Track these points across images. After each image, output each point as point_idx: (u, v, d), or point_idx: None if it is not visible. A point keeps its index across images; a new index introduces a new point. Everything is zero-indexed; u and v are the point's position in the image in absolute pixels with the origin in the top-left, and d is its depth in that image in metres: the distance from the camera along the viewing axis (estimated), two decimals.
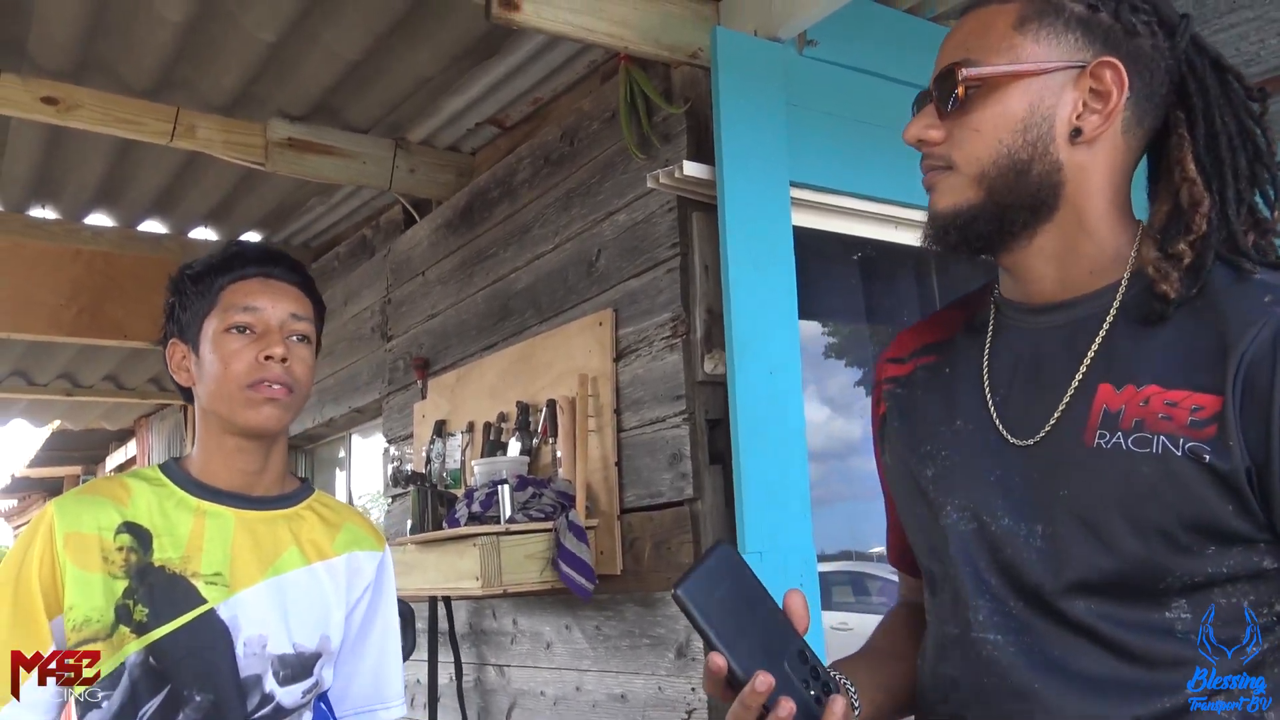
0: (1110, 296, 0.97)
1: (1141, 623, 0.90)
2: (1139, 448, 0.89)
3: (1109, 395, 0.93)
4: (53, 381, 5.65)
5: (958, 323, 1.11)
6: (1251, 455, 0.86)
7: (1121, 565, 0.89)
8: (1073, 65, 0.95)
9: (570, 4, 2.31)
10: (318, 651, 1.46)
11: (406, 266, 3.65)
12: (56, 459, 8.76)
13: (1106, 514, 0.90)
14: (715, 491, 2.29)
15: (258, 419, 1.41)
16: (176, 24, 2.66)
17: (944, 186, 0.99)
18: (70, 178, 3.83)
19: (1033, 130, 0.95)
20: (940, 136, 0.99)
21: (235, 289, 1.44)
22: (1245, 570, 0.88)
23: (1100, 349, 0.95)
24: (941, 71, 0.98)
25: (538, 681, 2.76)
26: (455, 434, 3.15)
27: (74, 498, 1.42)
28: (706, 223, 2.35)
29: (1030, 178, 0.96)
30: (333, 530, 1.54)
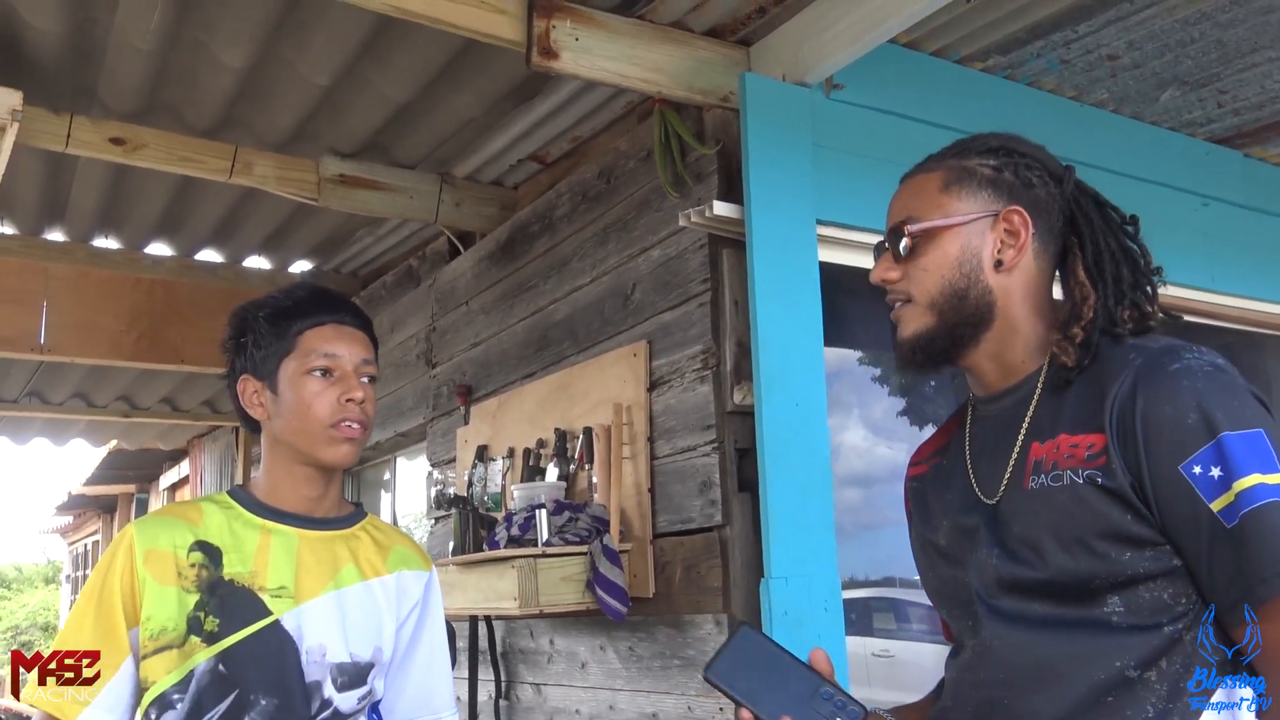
0: (1036, 378, 1.26)
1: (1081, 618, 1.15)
2: (1054, 482, 1.17)
3: (1037, 449, 1.21)
4: (111, 403, 5.86)
5: (954, 429, 1.41)
6: (1131, 472, 1.12)
7: (1053, 574, 1.15)
8: (988, 214, 1.26)
9: (606, 51, 2.43)
10: (371, 662, 1.58)
11: (451, 296, 3.79)
12: (112, 477, 9.02)
13: (1042, 537, 1.17)
14: (744, 518, 2.38)
15: (337, 456, 1.55)
16: (237, 69, 2.82)
17: (906, 317, 1.28)
18: (133, 210, 4.02)
19: (966, 265, 1.25)
20: (897, 276, 1.28)
21: (314, 334, 1.58)
22: (1159, 569, 1.12)
23: (1031, 416, 1.24)
24: (892, 227, 1.29)
25: (572, 700, 2.85)
26: (496, 459, 3.26)
27: (152, 519, 1.57)
28: (736, 259, 2.45)
29: (969, 300, 1.25)
30: (384, 551, 1.66)
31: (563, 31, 2.37)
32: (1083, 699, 1.13)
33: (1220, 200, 3.31)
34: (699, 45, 2.55)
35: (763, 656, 1.21)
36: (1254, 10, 2.50)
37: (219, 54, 2.75)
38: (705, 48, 2.55)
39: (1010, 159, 1.29)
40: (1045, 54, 2.70)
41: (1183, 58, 2.72)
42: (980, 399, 1.34)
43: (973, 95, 2.78)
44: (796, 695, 1.19)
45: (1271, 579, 1.06)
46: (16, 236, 4.24)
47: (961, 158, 1.31)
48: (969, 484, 1.30)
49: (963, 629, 1.30)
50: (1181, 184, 3.23)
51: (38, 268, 4.32)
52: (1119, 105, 3.03)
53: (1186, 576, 1.13)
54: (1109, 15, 2.51)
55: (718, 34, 2.58)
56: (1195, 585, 1.13)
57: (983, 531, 1.26)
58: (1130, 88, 2.90)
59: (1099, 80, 2.86)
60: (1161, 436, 1.11)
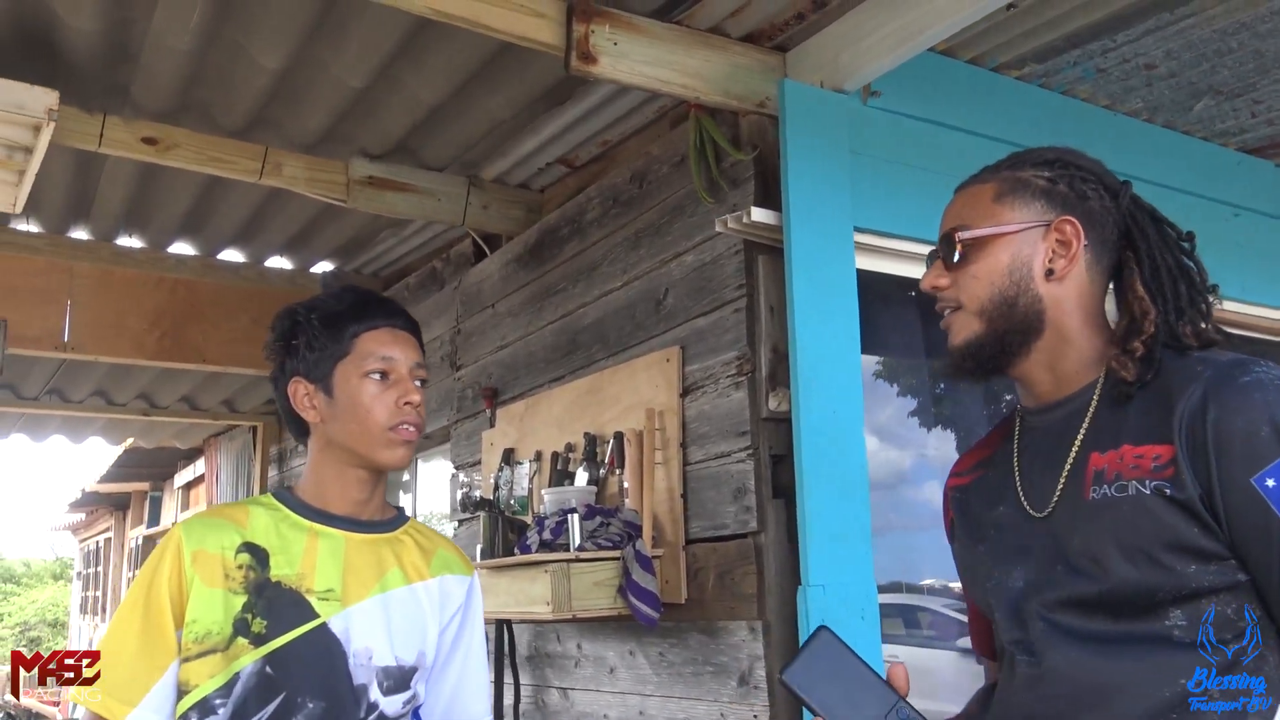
0: (1092, 389, 1.27)
1: (1143, 633, 1.14)
2: (1119, 493, 1.17)
3: (1097, 459, 1.21)
4: (131, 402, 5.88)
5: (999, 439, 1.42)
6: (1201, 484, 1.12)
7: (1115, 585, 1.15)
8: (1040, 224, 1.28)
9: (644, 56, 2.43)
10: (415, 665, 1.58)
11: (477, 299, 3.79)
12: (126, 475, 9.04)
13: (1105, 548, 1.16)
14: (778, 525, 2.37)
15: (394, 458, 1.57)
16: (273, 70, 2.83)
17: (956, 325, 1.31)
18: (158, 210, 4.04)
19: (1016, 273, 1.27)
20: (948, 283, 1.31)
21: (370, 337, 1.58)
22: (1223, 583, 1.13)
23: (1088, 427, 1.25)
24: (944, 235, 1.31)
25: (600, 705, 2.85)
26: (523, 462, 3.26)
27: (199, 520, 1.57)
28: (772, 265, 2.44)
29: (1018, 308, 1.27)
30: (427, 555, 1.66)
31: (601, 36, 2.37)
32: (1146, 717, 1.13)
33: (1251, 210, 3.30)
34: (735, 51, 2.55)
35: (840, 664, 1.19)
36: None
37: (256, 55, 2.75)
38: (742, 53, 2.55)
39: (1065, 171, 1.30)
40: (1082, 63, 2.69)
41: (1219, 67, 2.71)
42: (1030, 410, 1.35)
43: (1007, 103, 2.77)
44: (873, 711, 1.17)
45: None
46: (42, 235, 4.26)
47: (1016, 169, 1.33)
48: (1017, 497, 1.31)
49: (1016, 643, 1.28)
50: (1213, 194, 3.22)
51: (63, 266, 4.33)
52: (1152, 114, 3.02)
53: (1252, 591, 1.13)
54: (1148, 25, 2.50)
55: (754, 39, 2.58)
56: (1261, 600, 1.13)
57: (1037, 546, 1.26)
58: (1165, 97, 2.89)
59: (1134, 89, 2.85)
60: (1234, 448, 1.11)
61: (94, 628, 12.66)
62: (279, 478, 6.05)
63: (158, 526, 9.48)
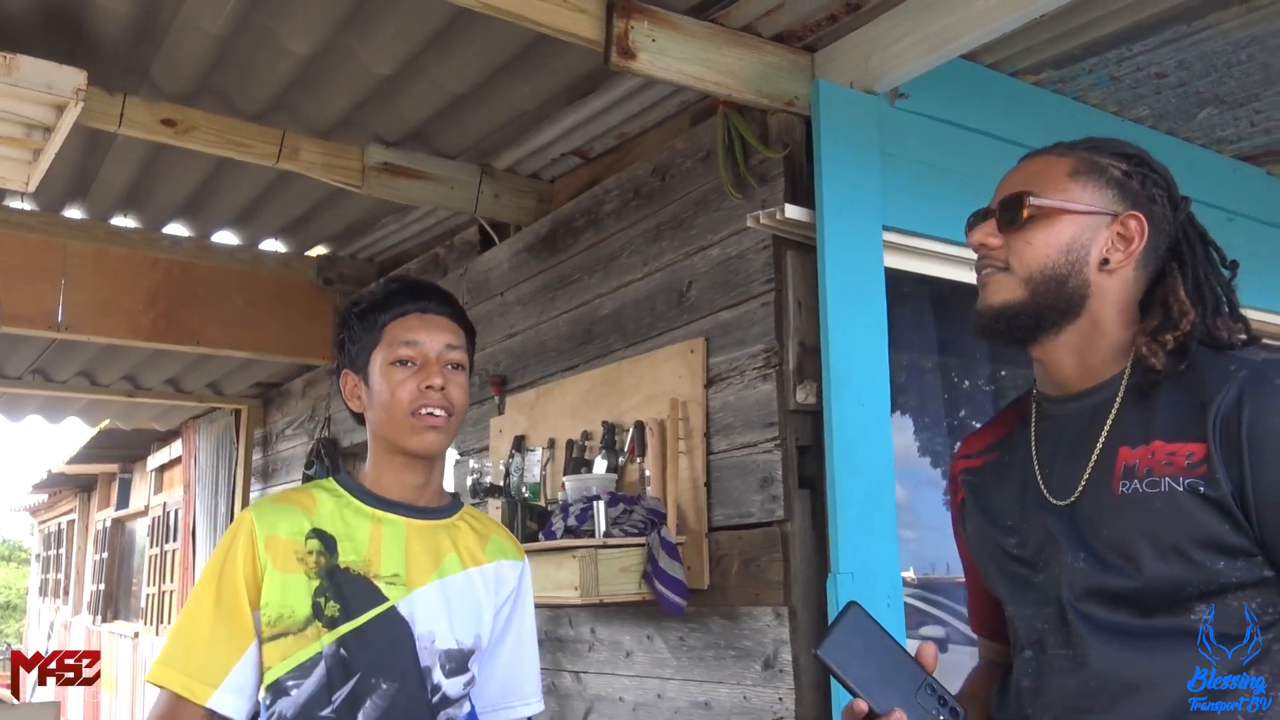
0: (1119, 381, 1.29)
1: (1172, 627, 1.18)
2: (1151, 489, 1.19)
3: (1127, 454, 1.24)
4: (115, 382, 5.82)
5: (1012, 422, 1.43)
6: (1233, 482, 1.15)
7: (1147, 582, 1.18)
8: (1108, 212, 1.29)
9: (681, 54, 2.47)
10: (472, 648, 1.62)
11: (485, 287, 3.81)
12: (96, 456, 8.93)
13: (1135, 543, 1.19)
14: (804, 514, 2.44)
15: (422, 444, 1.58)
16: (300, 56, 2.83)
17: (996, 284, 1.32)
18: (159, 191, 4.01)
19: (1073, 254, 1.28)
20: (999, 244, 1.31)
21: (397, 325, 1.61)
22: (1250, 578, 1.16)
23: (1115, 420, 1.27)
24: (1011, 196, 1.30)
25: (616, 688, 2.91)
26: (535, 449, 3.30)
27: (269, 506, 1.59)
28: (801, 261, 2.51)
29: (1066, 288, 1.29)
30: (482, 540, 1.70)
31: (640, 33, 2.41)
32: (1175, 708, 1.17)
33: (1244, 216, 3.41)
34: (767, 50, 2.60)
35: (871, 640, 1.22)
36: None
37: (285, 40, 2.76)
38: (773, 53, 2.60)
39: (1140, 169, 1.33)
40: (1097, 70, 2.78)
41: (1227, 78, 2.81)
42: (1050, 398, 1.36)
43: (1023, 107, 2.85)
44: (904, 687, 1.20)
45: None
46: (36, 213, 4.21)
47: (1095, 152, 1.33)
48: (1036, 484, 1.33)
49: (1039, 632, 1.31)
50: (1209, 199, 3.32)
51: (57, 245, 4.28)
52: (1157, 121, 3.12)
53: (1277, 588, 1.17)
54: (1165, 35, 2.59)
55: (784, 39, 2.63)
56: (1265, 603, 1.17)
57: (1061, 534, 1.28)
58: (1171, 105, 2.99)
59: (1143, 97, 2.94)
60: (1268, 448, 1.15)
61: (55, 610, 12.49)
62: (263, 461, 6.02)
63: (127, 509, 9.37)
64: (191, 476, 6.96)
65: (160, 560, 7.97)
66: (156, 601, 7.93)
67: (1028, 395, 1.43)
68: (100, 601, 9.90)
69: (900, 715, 1.18)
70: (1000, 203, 1.32)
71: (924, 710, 1.20)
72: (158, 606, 7.88)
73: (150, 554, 8.32)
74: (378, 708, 1.50)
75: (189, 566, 6.76)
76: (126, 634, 8.79)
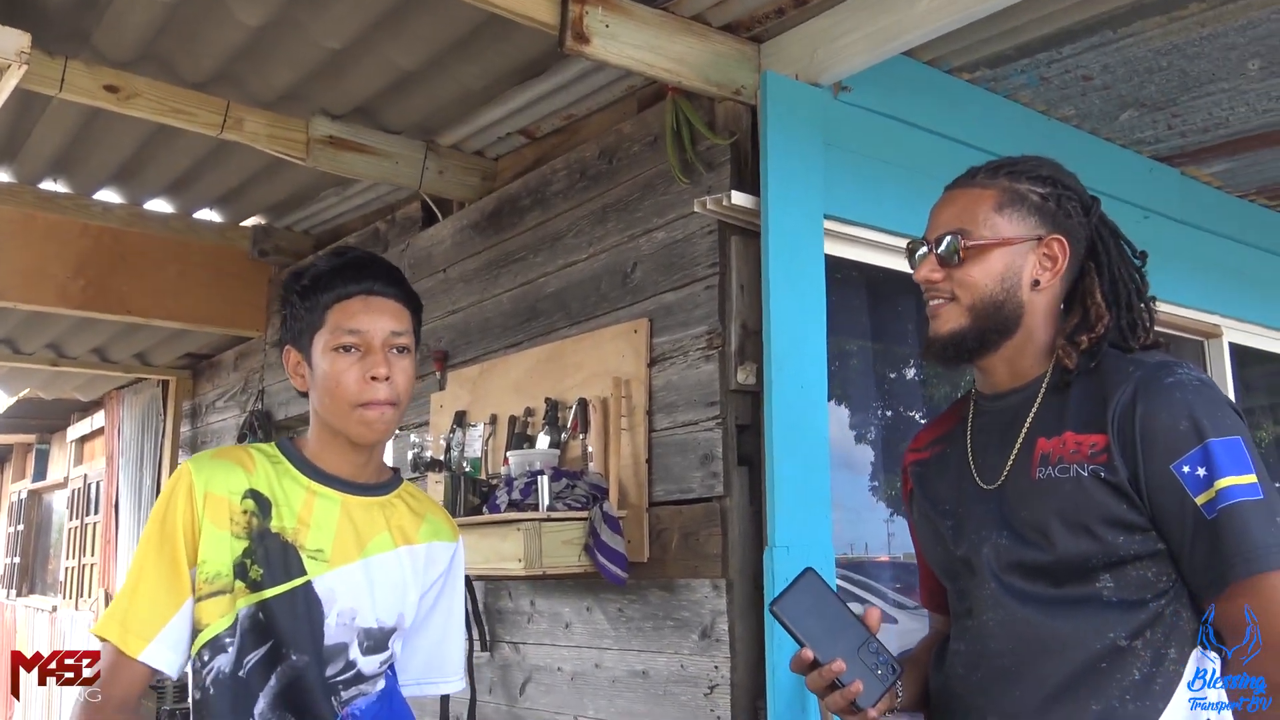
0: (1041, 381, 1.47)
1: (1079, 596, 1.36)
2: (1062, 474, 1.38)
3: (1044, 443, 1.42)
4: (39, 351, 5.68)
5: (955, 418, 1.62)
6: (1129, 468, 1.34)
7: (1059, 556, 1.36)
8: (1033, 237, 1.45)
9: (633, 40, 2.53)
10: (394, 627, 1.64)
11: (427, 262, 3.83)
12: (13, 426, 8.68)
13: (1049, 521, 1.37)
14: (742, 491, 2.53)
15: (367, 435, 1.58)
16: (249, 27, 2.82)
17: (945, 315, 1.47)
18: (92, 157, 3.94)
19: (1007, 280, 1.45)
20: (941, 278, 1.47)
21: (340, 309, 1.58)
22: (1146, 551, 1.34)
23: (1036, 414, 1.45)
24: (944, 234, 1.47)
25: (555, 658, 2.98)
26: (477, 425, 3.35)
27: (208, 460, 1.58)
28: (744, 246, 2.59)
29: (1004, 311, 1.46)
30: (417, 519, 1.71)
31: (594, 18, 2.46)
32: (1082, 666, 1.34)
33: (1158, 214, 3.59)
34: (716, 40, 2.67)
35: (823, 601, 1.39)
36: (1219, 46, 2.74)
37: (235, 9, 2.74)
38: (722, 42, 2.67)
39: (1055, 189, 1.48)
40: (1029, 70, 2.90)
41: (1148, 83, 2.96)
42: (985, 396, 1.56)
43: (958, 104, 2.97)
44: (848, 644, 1.37)
45: (1239, 564, 1.27)
46: None
47: (1014, 180, 1.49)
48: (970, 472, 1.51)
49: (970, 601, 1.49)
50: (1126, 197, 3.49)
51: None
52: (1082, 121, 3.26)
53: (1168, 559, 1.35)
54: (1093, 40, 2.72)
55: (733, 30, 2.70)
56: (1175, 567, 1.35)
57: (989, 515, 1.46)
58: (1096, 106, 3.14)
59: (1069, 98, 3.08)
60: (1157, 439, 1.33)
61: None
62: (192, 433, 5.94)
63: (44, 480, 9.14)
64: (115, 448, 6.83)
65: (80, 533, 7.80)
66: (76, 575, 7.77)
67: (969, 394, 1.61)
68: (15, 575, 9.65)
69: (840, 665, 1.34)
70: (936, 240, 1.47)
71: (864, 664, 1.36)
72: (78, 580, 7.72)
73: (70, 527, 8.14)
74: (286, 676, 1.52)
75: (111, 540, 6.64)
76: (44, 608, 8.59)
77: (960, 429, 1.58)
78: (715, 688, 2.47)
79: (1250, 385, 4.48)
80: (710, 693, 2.48)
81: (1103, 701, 1.32)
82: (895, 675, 1.38)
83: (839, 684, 1.35)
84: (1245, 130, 3.29)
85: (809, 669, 1.38)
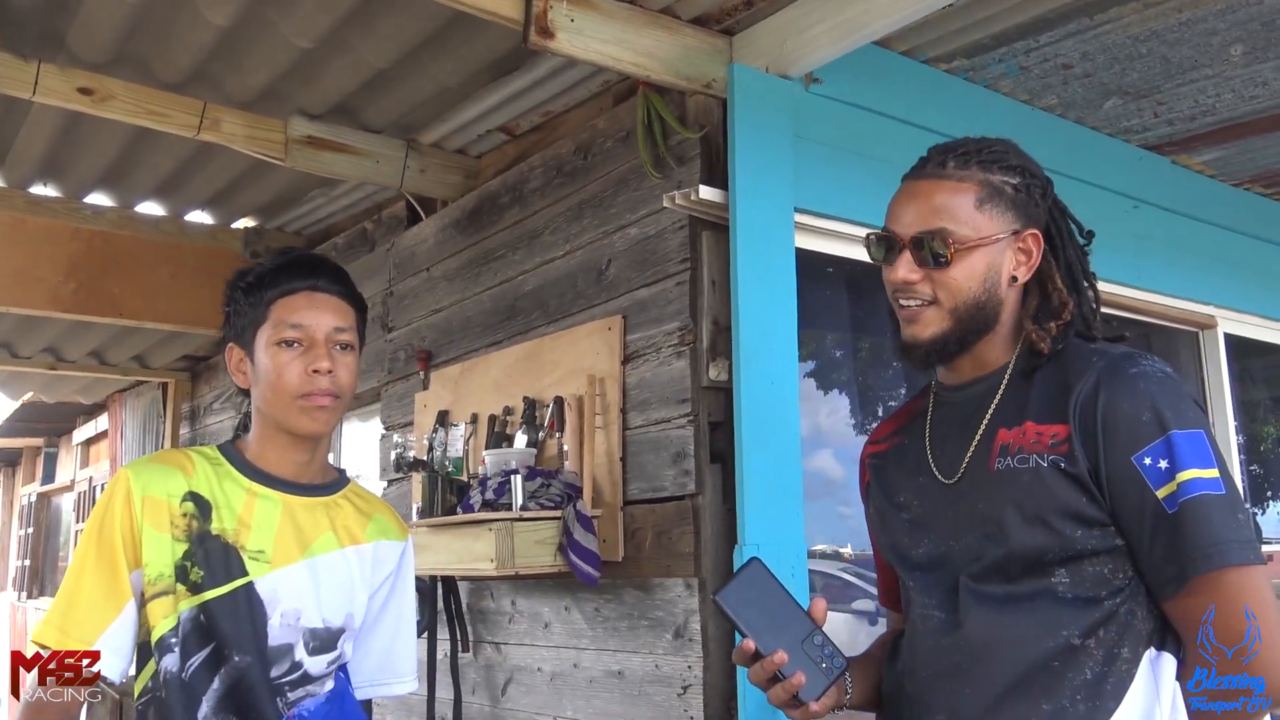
0: (1005, 370, 1.42)
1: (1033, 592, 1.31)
2: (1021, 464, 1.33)
3: (1004, 434, 1.37)
4: (36, 355, 5.71)
5: (914, 413, 1.56)
6: (1089, 460, 1.29)
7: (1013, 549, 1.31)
8: (1010, 233, 1.40)
9: (599, 34, 2.50)
10: (342, 628, 1.63)
11: (410, 262, 3.82)
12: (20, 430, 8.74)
13: (1005, 513, 1.32)
14: (715, 488, 2.50)
15: (309, 426, 1.59)
16: (219, 26, 2.81)
17: (925, 319, 1.40)
18: (79, 160, 3.94)
19: (989, 279, 1.39)
20: (919, 279, 1.39)
21: (283, 304, 1.59)
22: (1104, 546, 1.29)
23: (998, 405, 1.41)
24: (925, 234, 1.38)
25: (535, 658, 2.96)
26: (459, 424, 3.33)
27: (147, 465, 1.59)
28: (716, 241, 2.56)
29: (985, 311, 1.40)
30: (364, 519, 1.71)
31: (559, 12, 2.43)
32: (1033, 665, 1.30)
33: (1149, 204, 3.54)
34: (685, 33, 2.64)
35: (768, 592, 1.35)
36: (1199, 32, 2.69)
37: (203, 9, 2.73)
38: (691, 36, 2.64)
39: (1025, 179, 1.42)
40: (1007, 60, 2.86)
41: (1129, 70, 2.91)
42: (946, 387, 1.50)
43: (937, 95, 2.93)
44: (792, 636, 1.34)
45: (1199, 560, 1.23)
46: None
47: (987, 171, 1.40)
48: (928, 464, 1.46)
49: (923, 597, 1.44)
50: (1115, 187, 3.45)
51: None
52: (1065, 110, 3.22)
53: (1125, 555, 1.30)
54: (1070, 28, 2.68)
55: (703, 23, 2.67)
56: (1133, 562, 1.30)
57: (944, 510, 1.42)
58: (1078, 95, 3.09)
59: (1051, 87, 3.04)
60: (1119, 430, 1.28)
61: None
62: (191, 435, 5.96)
63: (53, 483, 9.20)
64: (119, 450, 6.86)
65: None
66: None
67: (929, 385, 1.56)
68: (25, 577, 9.72)
69: (783, 656, 1.32)
70: (915, 240, 1.38)
71: (808, 657, 1.34)
72: None
73: (76, 529, 8.18)
74: (229, 678, 1.51)
75: None
76: None
77: (920, 422, 1.53)
78: (689, 687, 2.44)
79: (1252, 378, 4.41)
80: (684, 693, 2.45)
81: (1054, 701, 1.28)
82: (840, 670, 1.36)
83: (780, 676, 1.33)
84: (1234, 117, 3.24)
85: (751, 660, 1.35)
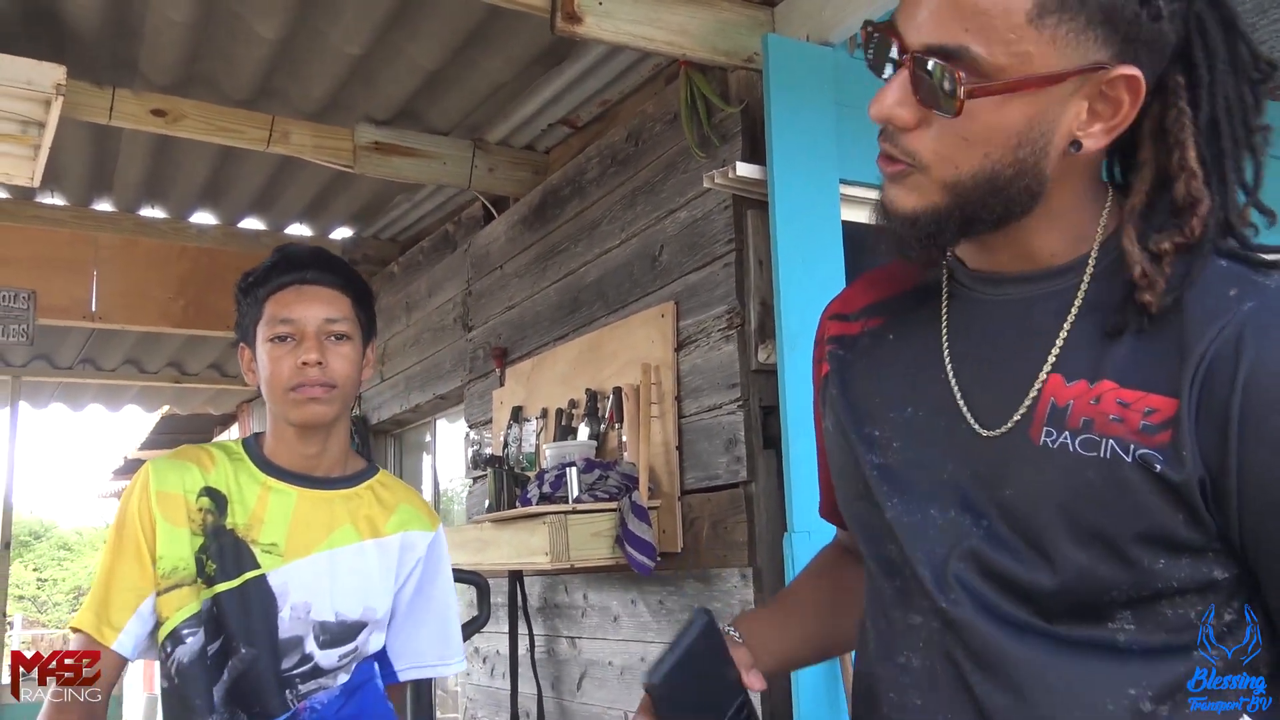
0: (1075, 275, 0.86)
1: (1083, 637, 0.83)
2: (1086, 450, 0.81)
3: (1057, 387, 0.84)
4: (162, 369, 6.03)
5: (908, 280, 0.99)
6: (1205, 464, 0.78)
7: (1063, 584, 0.82)
8: (1088, 68, 0.79)
9: (630, 15, 2.45)
10: (361, 621, 1.62)
11: (486, 260, 3.85)
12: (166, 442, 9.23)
13: (1051, 523, 0.82)
14: (768, 475, 2.42)
15: (303, 416, 1.58)
16: (271, 40, 2.88)
17: (909, 186, 0.86)
18: (176, 180, 4.12)
19: (1026, 147, 0.81)
20: (912, 122, 0.83)
21: (275, 300, 1.59)
22: (1194, 583, 0.81)
23: (1067, 334, 0.85)
24: (934, 57, 0.80)
25: (606, 652, 2.93)
26: (531, 419, 3.33)
27: (166, 461, 1.62)
28: (760, 219, 2.47)
29: (1008, 192, 0.83)
30: (387, 510, 1.69)
31: None
32: None
33: None
34: (722, 6, 2.56)
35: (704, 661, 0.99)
36: None
37: (253, 25, 2.80)
38: (728, 9, 2.56)
39: None
40: None
41: None
42: (973, 271, 0.93)
43: None
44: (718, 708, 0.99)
45: None
46: (66, 207, 4.37)
47: None
48: (951, 400, 0.91)
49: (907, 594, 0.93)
50: None
51: (87, 237, 4.45)
52: None
53: (1228, 591, 0.82)
54: None
55: None
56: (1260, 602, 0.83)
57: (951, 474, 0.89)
58: None
59: None
60: (1270, 414, 0.77)
61: None
62: None
63: None
64: None
65: None
66: None
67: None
68: None
69: None
70: (915, 57, 0.81)
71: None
72: None
73: None
74: (236, 670, 1.54)
75: None
76: None
77: (921, 309, 0.97)
78: None
79: None
80: None
81: None
82: None
83: None
84: None
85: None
